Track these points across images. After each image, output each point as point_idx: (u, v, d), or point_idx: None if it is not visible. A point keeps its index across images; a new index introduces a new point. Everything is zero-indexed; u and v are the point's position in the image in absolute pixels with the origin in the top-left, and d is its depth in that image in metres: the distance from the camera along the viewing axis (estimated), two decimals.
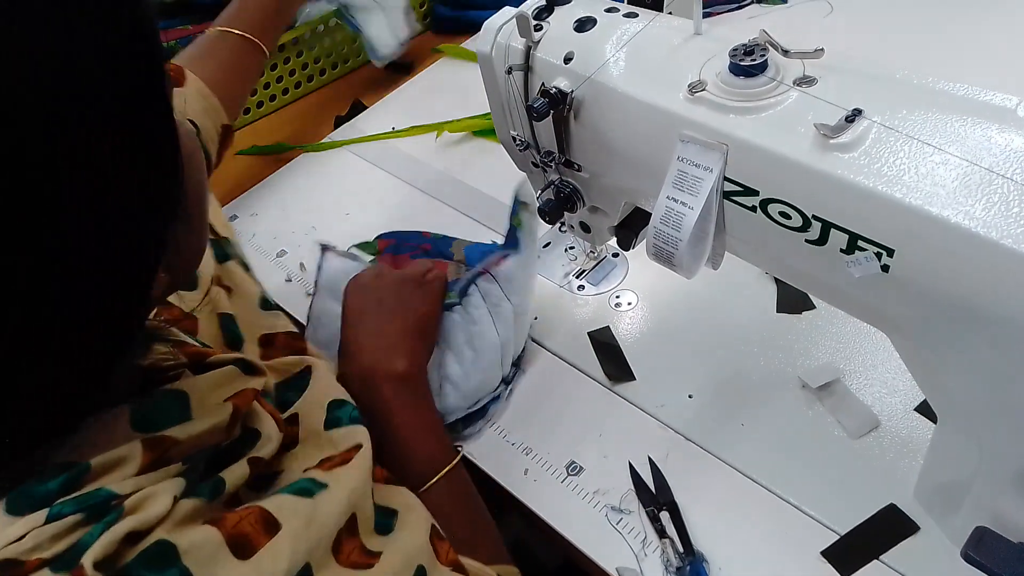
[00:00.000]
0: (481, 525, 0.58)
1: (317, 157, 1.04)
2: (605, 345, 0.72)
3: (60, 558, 0.32)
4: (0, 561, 0.32)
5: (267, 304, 0.60)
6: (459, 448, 0.59)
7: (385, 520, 0.46)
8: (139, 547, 0.33)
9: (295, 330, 0.59)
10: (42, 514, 0.33)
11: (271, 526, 0.37)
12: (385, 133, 1.04)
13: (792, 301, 0.72)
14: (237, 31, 0.81)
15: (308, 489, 0.41)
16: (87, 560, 0.32)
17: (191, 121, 0.71)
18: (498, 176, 0.82)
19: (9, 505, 0.33)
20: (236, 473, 0.40)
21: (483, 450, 0.65)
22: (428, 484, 0.56)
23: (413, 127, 1.04)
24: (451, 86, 1.12)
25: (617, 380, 0.69)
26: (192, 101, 0.74)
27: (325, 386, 0.53)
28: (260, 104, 1.13)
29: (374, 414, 0.56)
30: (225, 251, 0.61)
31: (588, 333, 0.73)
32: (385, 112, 1.10)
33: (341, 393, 0.53)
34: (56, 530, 0.32)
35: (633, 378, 0.69)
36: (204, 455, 0.39)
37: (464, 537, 0.53)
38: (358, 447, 0.48)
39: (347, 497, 0.42)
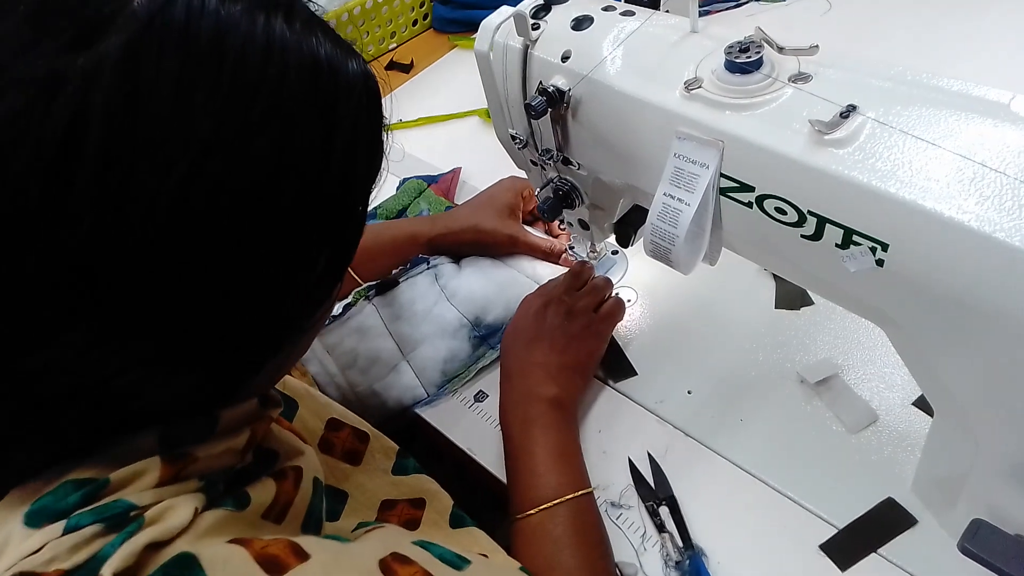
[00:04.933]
0: (592, 562, 0.55)
1: None
2: None
3: (79, 569, 0.31)
4: (18, 574, 0.31)
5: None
6: (593, 487, 0.59)
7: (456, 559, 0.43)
8: (160, 558, 0.33)
9: (364, 431, 0.59)
10: (59, 526, 0.32)
11: (300, 554, 0.36)
12: (394, 124, 1.06)
13: (790, 297, 0.72)
14: None
15: (337, 538, 0.41)
16: (107, 571, 0.31)
17: None
18: (502, 174, 0.83)
19: (28, 519, 0.33)
20: (261, 491, 0.39)
21: (483, 445, 0.66)
22: (544, 507, 0.55)
23: (421, 118, 1.05)
24: (451, 84, 1.13)
25: (617, 376, 0.69)
26: None
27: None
28: None
29: (520, 432, 0.60)
30: None
31: None
32: (386, 111, 1.10)
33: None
34: (74, 541, 0.32)
35: (632, 374, 0.69)
36: (221, 475, 0.38)
37: (569, 568, 0.53)
38: (421, 502, 0.52)
39: (382, 547, 0.41)
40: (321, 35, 0.34)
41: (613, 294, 0.73)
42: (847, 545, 0.55)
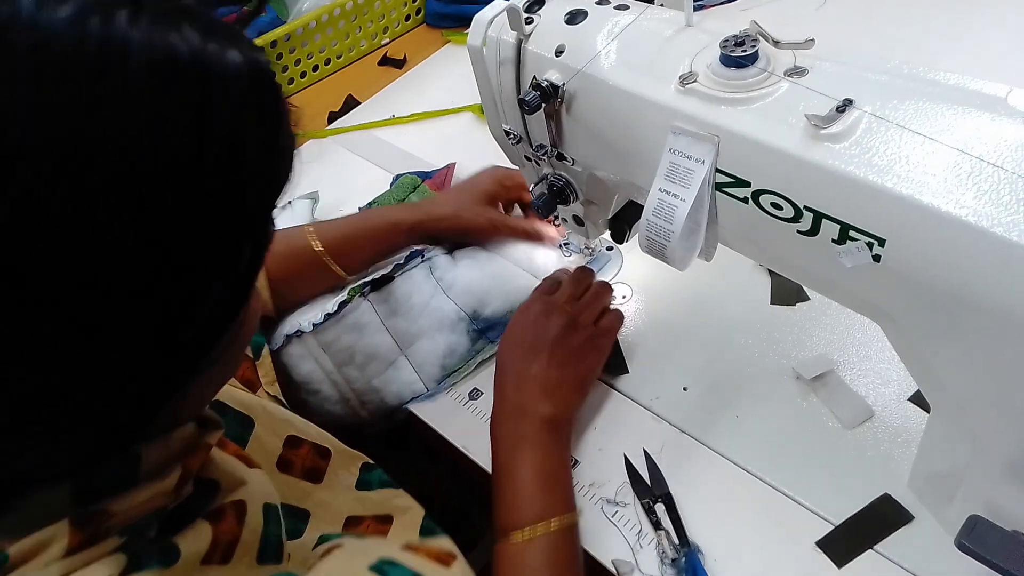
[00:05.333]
0: None
1: (311, 154, 1.03)
2: None
3: None
4: None
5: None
6: (575, 512, 0.58)
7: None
8: None
9: (325, 447, 0.57)
10: None
11: None
12: (386, 120, 1.05)
13: (786, 293, 0.72)
14: (320, 246, 0.73)
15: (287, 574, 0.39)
16: None
17: None
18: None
19: None
20: (194, 540, 0.36)
21: (478, 442, 0.65)
22: (525, 530, 0.53)
23: (415, 114, 1.05)
24: (445, 79, 1.12)
25: (612, 373, 0.69)
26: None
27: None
28: None
29: (509, 448, 0.58)
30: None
31: None
32: (379, 106, 1.10)
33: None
34: None
35: (628, 371, 0.69)
36: (152, 519, 0.35)
37: None
38: (389, 519, 0.50)
39: None
40: (186, 27, 0.30)
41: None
42: (843, 541, 0.55)
